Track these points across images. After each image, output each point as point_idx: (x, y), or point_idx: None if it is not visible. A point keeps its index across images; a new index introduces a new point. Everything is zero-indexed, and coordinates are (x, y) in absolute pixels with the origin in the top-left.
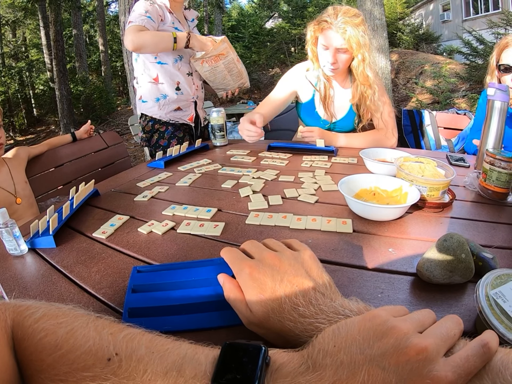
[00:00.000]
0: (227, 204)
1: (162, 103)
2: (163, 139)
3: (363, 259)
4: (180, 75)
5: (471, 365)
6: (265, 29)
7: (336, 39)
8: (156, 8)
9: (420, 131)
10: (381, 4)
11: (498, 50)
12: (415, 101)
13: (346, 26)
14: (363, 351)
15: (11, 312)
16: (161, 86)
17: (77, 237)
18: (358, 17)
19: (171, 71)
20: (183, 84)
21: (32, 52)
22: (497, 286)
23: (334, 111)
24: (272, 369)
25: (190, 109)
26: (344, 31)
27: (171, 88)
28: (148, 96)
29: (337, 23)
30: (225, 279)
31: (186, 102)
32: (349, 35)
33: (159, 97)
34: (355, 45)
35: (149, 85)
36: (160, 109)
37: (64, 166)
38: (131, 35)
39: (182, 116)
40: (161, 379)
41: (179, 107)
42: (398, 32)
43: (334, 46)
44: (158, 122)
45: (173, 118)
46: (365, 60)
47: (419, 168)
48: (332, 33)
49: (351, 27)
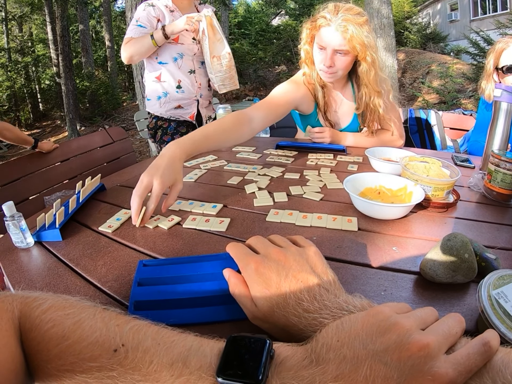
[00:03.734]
0: (233, 200)
1: (163, 101)
2: (167, 135)
3: (367, 257)
4: (180, 73)
5: (471, 363)
6: (272, 26)
7: (335, 39)
8: (150, 10)
9: (426, 131)
10: (388, 2)
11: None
12: (421, 100)
13: (347, 24)
14: (366, 346)
15: (19, 303)
16: (163, 84)
17: (83, 230)
18: (362, 16)
19: (172, 70)
20: (184, 82)
21: (38, 47)
22: (500, 286)
23: (337, 121)
24: (276, 362)
25: (191, 107)
26: (345, 30)
27: (172, 86)
28: (152, 94)
29: (337, 20)
30: (230, 274)
31: (188, 100)
32: (351, 34)
33: (160, 95)
34: (359, 46)
35: (153, 83)
36: (160, 107)
37: (70, 160)
38: (122, 50)
39: (183, 114)
40: (167, 370)
41: (179, 105)
42: (405, 31)
43: (332, 46)
44: (160, 119)
45: (173, 115)
46: (375, 62)
47: (424, 168)
48: (331, 31)
49: (354, 25)
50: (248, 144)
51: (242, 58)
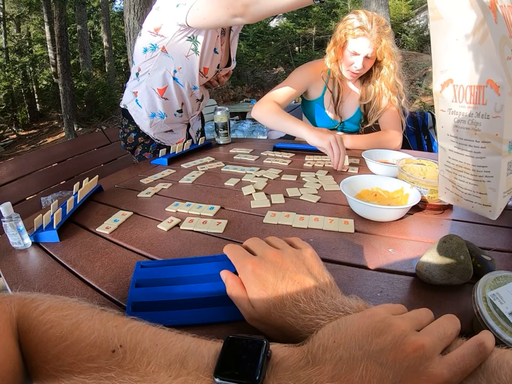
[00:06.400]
0: (230, 202)
1: (155, 121)
2: (148, 152)
3: (363, 259)
4: (188, 101)
5: (466, 364)
6: (270, 28)
7: (370, 48)
8: None
9: (423, 133)
10: (386, 5)
11: None
12: (418, 103)
13: (381, 36)
14: (361, 347)
15: (17, 304)
16: (164, 102)
17: (81, 232)
18: (388, 27)
19: (182, 94)
20: (187, 107)
21: (36, 47)
22: (495, 287)
23: (342, 111)
24: (273, 362)
25: (181, 132)
26: (379, 41)
27: (173, 108)
28: (146, 102)
29: (372, 32)
30: (227, 275)
31: (181, 124)
32: (384, 45)
33: (156, 113)
34: (388, 54)
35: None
36: (150, 127)
37: (67, 161)
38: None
39: (171, 139)
40: (165, 371)
41: (171, 129)
42: (402, 34)
43: (366, 54)
44: (142, 136)
45: (160, 139)
46: (396, 70)
47: (421, 170)
48: (367, 41)
49: (385, 38)
50: (245, 146)
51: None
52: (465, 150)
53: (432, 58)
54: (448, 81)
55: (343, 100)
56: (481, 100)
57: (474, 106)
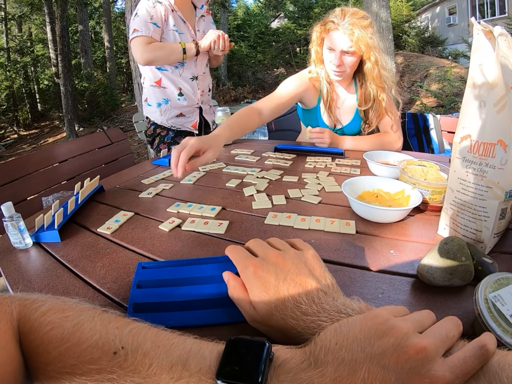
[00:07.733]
0: (231, 203)
1: (164, 108)
2: (164, 144)
3: (365, 260)
4: (182, 81)
5: (468, 366)
6: (271, 29)
7: (343, 41)
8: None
9: (424, 135)
10: (387, 6)
11: None
12: (419, 104)
13: (353, 27)
14: (364, 349)
15: (18, 305)
16: (164, 90)
17: (82, 232)
18: (366, 20)
19: (172, 77)
20: (185, 90)
21: (37, 47)
22: (496, 289)
23: (339, 117)
24: (275, 364)
25: (194, 115)
26: (352, 33)
27: (174, 93)
28: (151, 99)
29: (344, 24)
30: (229, 277)
31: (190, 108)
32: (357, 37)
33: (161, 101)
34: (364, 47)
35: (152, 88)
36: (161, 115)
37: (68, 161)
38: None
39: (185, 122)
40: (166, 373)
41: (181, 113)
42: (403, 35)
43: (341, 48)
44: (159, 127)
45: (174, 124)
46: (378, 62)
47: (422, 172)
48: (339, 34)
49: (359, 29)
50: (246, 147)
51: (241, 61)
52: (471, 191)
53: (460, 114)
54: (467, 136)
55: (339, 106)
56: (491, 154)
57: (485, 158)
